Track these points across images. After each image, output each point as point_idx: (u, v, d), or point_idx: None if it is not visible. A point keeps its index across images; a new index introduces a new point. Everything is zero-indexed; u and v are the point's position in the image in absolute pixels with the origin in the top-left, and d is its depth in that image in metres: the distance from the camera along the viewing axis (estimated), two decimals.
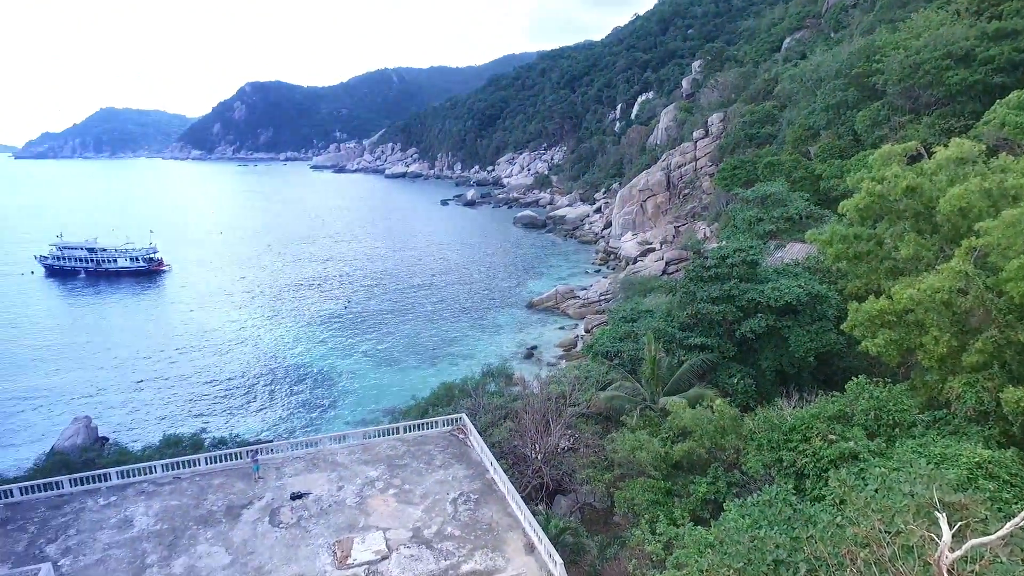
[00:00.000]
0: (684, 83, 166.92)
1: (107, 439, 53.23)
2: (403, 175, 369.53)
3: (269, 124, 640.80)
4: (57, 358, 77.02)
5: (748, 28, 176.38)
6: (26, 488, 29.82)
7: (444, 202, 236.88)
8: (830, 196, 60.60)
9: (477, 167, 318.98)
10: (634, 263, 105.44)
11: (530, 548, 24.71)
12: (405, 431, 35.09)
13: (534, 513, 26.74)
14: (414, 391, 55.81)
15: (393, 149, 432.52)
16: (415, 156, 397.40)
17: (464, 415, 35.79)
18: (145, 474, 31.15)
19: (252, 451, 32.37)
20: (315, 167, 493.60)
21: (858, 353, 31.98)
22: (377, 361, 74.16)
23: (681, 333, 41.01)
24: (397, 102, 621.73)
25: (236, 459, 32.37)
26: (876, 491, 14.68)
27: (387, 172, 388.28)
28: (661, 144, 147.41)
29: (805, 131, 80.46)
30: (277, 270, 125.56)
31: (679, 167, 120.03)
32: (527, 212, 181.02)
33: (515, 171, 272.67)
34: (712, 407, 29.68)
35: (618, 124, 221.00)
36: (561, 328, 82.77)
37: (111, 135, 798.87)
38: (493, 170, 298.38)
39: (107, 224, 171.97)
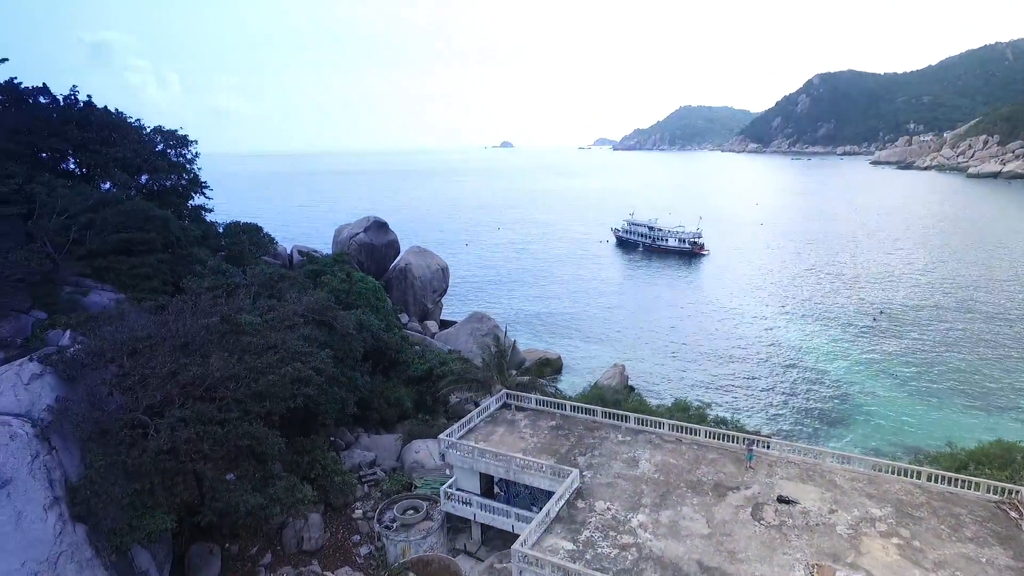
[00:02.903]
0: None
1: (633, 388, 62.70)
2: (994, 175, 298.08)
3: (831, 116, 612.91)
4: (613, 313, 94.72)
5: None
6: (575, 407, 38.14)
7: None
8: None
9: None
10: None
11: None
12: (930, 479, 29.22)
13: None
14: (950, 436, 46.04)
15: (986, 143, 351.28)
16: (1020, 151, 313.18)
17: None
18: (655, 427, 35.44)
19: (749, 440, 32.68)
20: (875, 163, 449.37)
21: None
22: (907, 389, 63.56)
23: None
24: (1005, 85, 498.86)
25: (731, 441, 33.39)
26: None
27: (970, 171, 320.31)
28: None
29: None
30: (809, 268, 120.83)
31: None
32: None
33: None
34: None
35: None
36: None
37: (683, 130, 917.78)
38: None
39: (665, 207, 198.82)
